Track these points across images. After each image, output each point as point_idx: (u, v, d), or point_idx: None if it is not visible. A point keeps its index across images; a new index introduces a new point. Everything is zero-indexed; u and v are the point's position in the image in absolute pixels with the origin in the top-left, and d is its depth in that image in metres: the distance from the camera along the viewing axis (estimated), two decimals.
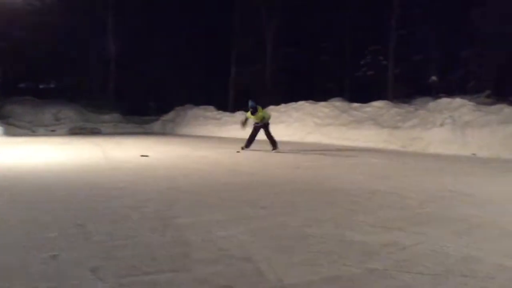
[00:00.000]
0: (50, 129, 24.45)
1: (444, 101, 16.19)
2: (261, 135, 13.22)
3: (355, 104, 19.61)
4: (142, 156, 11.09)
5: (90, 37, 30.46)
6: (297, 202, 5.39)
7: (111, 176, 7.57)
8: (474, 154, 12.30)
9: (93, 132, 24.87)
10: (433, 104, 16.37)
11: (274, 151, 12.79)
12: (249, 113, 13.24)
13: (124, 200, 5.37)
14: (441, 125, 14.19)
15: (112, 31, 31.74)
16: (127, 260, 3.20)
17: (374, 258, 3.28)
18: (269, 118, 13.50)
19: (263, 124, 13.18)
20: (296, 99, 21.83)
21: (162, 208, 4.92)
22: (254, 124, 13.41)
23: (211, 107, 27.36)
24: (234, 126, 22.84)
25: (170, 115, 29.19)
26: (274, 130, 13.63)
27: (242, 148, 13.26)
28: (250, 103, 13.23)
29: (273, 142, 13.03)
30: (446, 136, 13.62)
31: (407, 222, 4.40)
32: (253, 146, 13.26)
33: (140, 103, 31.44)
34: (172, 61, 31.79)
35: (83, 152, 12.41)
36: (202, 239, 3.70)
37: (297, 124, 19.60)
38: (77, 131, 24.41)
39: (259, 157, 11.39)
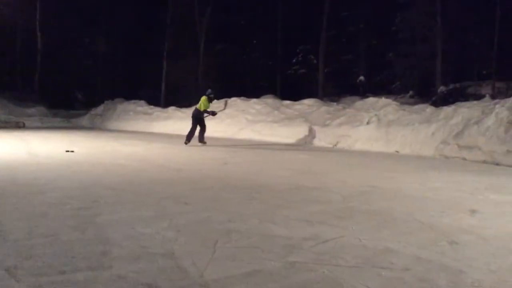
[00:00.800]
0: None
1: (371, 100, 16.79)
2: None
3: (287, 102, 19.90)
4: (67, 151, 10.70)
5: (17, 27, 29.13)
6: (223, 198, 5.40)
7: (33, 172, 7.26)
8: (397, 151, 12.82)
9: (18, 126, 23.72)
10: (360, 103, 16.92)
11: (200, 144, 13.11)
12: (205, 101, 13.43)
13: (45, 197, 5.16)
14: (367, 123, 14.68)
15: (39, 22, 30.46)
16: (44, 259, 3.08)
17: (296, 252, 3.34)
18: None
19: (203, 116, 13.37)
20: (228, 96, 21.83)
21: (84, 205, 4.77)
22: (196, 115, 13.44)
23: (142, 102, 26.83)
24: (166, 122, 22.58)
25: (99, 109, 28.34)
26: (206, 126, 13.67)
27: (201, 142, 13.41)
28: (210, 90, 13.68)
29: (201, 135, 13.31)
30: (372, 134, 14.09)
31: (330, 216, 4.52)
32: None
33: (67, 96, 30.31)
34: (102, 54, 30.93)
35: (5, 147, 11.83)
36: (124, 236, 3.63)
37: (229, 120, 19.59)
38: (0, 125, 23.24)
39: (189, 153, 11.31)
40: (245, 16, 30.89)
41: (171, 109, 24.26)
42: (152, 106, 26.19)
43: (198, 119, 13.40)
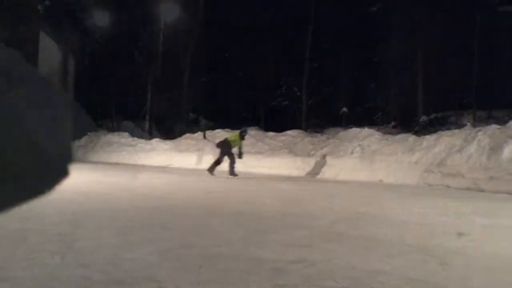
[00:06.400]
0: None
1: (354, 131, 16.88)
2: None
3: (271, 133, 19.95)
4: None
5: None
6: (206, 224, 5.31)
7: None
8: (381, 180, 12.85)
9: None
10: (343, 134, 17.02)
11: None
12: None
13: (23, 224, 5.00)
14: (351, 153, 14.74)
15: None
16: (24, 282, 2.95)
17: (282, 275, 3.25)
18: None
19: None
20: (212, 128, 21.84)
21: (66, 230, 4.64)
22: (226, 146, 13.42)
23: (126, 134, 26.65)
24: (149, 154, 22.40)
25: (82, 141, 28.04)
26: (189, 158, 13.56)
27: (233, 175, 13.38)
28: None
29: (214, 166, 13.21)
30: (356, 164, 14.15)
31: (317, 240, 4.45)
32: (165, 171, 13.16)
33: None
34: (86, 84, 30.91)
35: None
36: (106, 262, 3.50)
37: (213, 151, 19.52)
38: None
39: (173, 182, 11.19)
40: (230, 49, 31.23)
41: (155, 141, 24.11)
42: (135, 138, 26.00)
43: (227, 152, 13.29)
